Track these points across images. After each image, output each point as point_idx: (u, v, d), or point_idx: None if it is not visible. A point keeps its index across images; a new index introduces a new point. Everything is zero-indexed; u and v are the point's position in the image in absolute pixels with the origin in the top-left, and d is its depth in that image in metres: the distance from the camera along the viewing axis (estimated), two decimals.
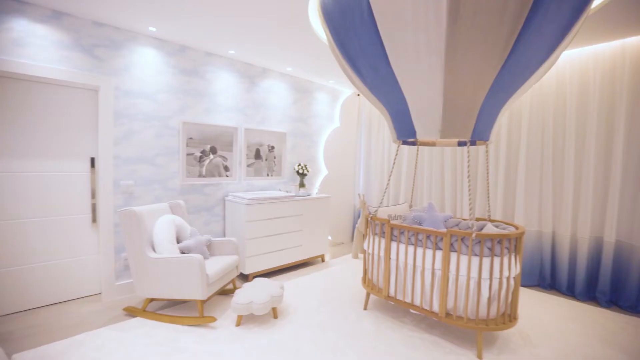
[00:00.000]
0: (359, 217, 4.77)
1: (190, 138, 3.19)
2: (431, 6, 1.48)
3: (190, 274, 2.29)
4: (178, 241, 2.62)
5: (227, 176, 3.51)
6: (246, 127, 3.63)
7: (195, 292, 2.31)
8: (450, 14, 1.46)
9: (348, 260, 4.02)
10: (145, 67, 2.89)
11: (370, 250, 2.55)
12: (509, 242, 2.02)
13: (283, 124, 4.04)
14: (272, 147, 3.92)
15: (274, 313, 2.48)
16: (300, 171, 4.01)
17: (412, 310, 2.48)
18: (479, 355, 2.03)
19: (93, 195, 2.74)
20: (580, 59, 3.03)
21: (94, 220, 2.76)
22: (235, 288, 2.89)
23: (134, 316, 2.46)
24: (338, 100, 4.77)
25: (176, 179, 3.14)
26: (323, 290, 3.04)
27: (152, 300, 2.52)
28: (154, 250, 2.42)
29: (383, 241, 2.45)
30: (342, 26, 1.87)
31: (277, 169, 4.00)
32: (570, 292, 3.10)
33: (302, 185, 4.02)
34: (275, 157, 3.96)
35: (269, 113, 3.88)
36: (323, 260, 3.99)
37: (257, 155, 3.78)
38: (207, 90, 3.31)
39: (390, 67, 1.79)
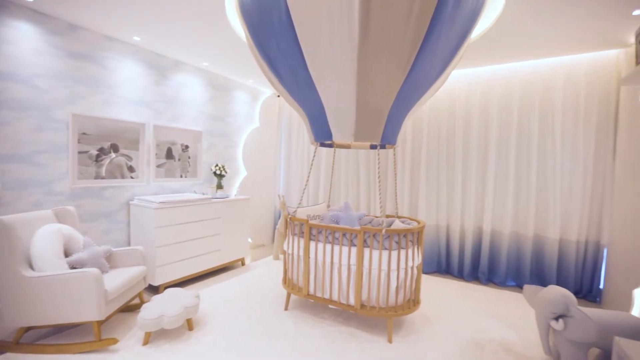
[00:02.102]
0: (279, 218, 4.78)
1: (84, 133, 2.75)
2: (345, 17, 1.57)
3: (83, 292, 1.97)
4: (67, 254, 2.22)
5: (132, 177, 3.12)
6: (155, 124, 3.29)
7: (91, 312, 1.99)
8: (361, 27, 1.58)
9: (269, 262, 3.98)
10: (20, 44, 2.38)
11: (290, 251, 2.57)
12: (413, 236, 2.28)
13: (199, 122, 3.79)
14: (186, 147, 3.65)
15: (189, 325, 2.30)
16: (218, 172, 3.82)
17: (330, 306, 2.59)
18: (389, 340, 2.24)
19: None
20: (467, 78, 3.59)
21: None
22: (142, 302, 2.59)
23: (3, 352, 1.99)
24: (258, 100, 4.70)
25: (65, 181, 2.66)
26: (243, 295, 2.95)
27: (28, 329, 2.08)
28: (31, 267, 2.01)
29: (302, 241, 2.50)
30: (261, 25, 1.85)
31: (192, 169, 3.73)
32: (460, 274, 3.65)
33: (219, 186, 3.83)
34: (189, 157, 3.69)
35: (183, 110, 3.60)
36: (243, 264, 3.87)
37: (169, 155, 3.46)
38: (106, 79, 2.89)
39: (308, 71, 1.84)
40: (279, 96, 4.95)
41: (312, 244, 2.46)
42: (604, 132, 2.99)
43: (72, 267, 2.15)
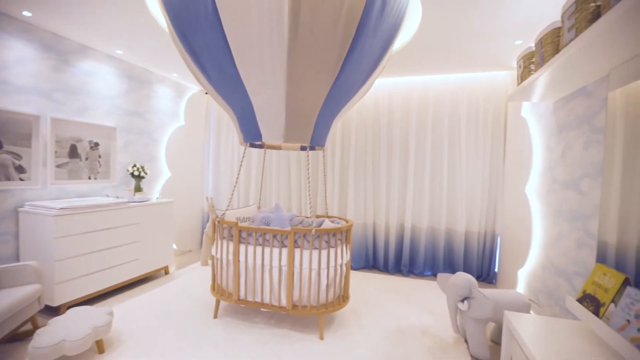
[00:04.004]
0: (208, 221, 4.53)
1: None
2: (274, 20, 1.57)
3: None
4: None
5: (21, 179, 2.63)
6: (55, 117, 2.82)
7: None
8: (291, 30, 1.59)
9: (197, 269, 3.74)
10: None
11: (218, 255, 2.46)
12: (342, 234, 2.38)
13: (112, 117, 3.37)
14: (96, 144, 3.21)
15: (99, 347, 2.03)
16: (136, 173, 3.45)
17: (262, 309, 2.56)
18: (321, 337, 2.30)
19: None
20: (389, 87, 3.89)
21: None
22: (36, 328, 2.20)
23: None
24: (183, 97, 4.38)
25: None
26: (167, 306, 2.72)
27: None
28: None
29: (232, 244, 2.41)
30: (185, 16, 1.74)
31: (104, 170, 3.30)
32: (385, 268, 3.93)
33: (138, 189, 3.47)
34: (100, 156, 3.26)
35: (92, 102, 3.16)
36: (167, 273, 3.57)
37: (74, 154, 3.01)
38: None
39: (236, 69, 1.79)
40: (206, 93, 4.70)
41: (242, 247, 2.39)
42: (497, 140, 3.54)
43: None
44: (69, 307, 2.57)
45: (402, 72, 3.65)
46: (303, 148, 2.87)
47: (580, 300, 1.38)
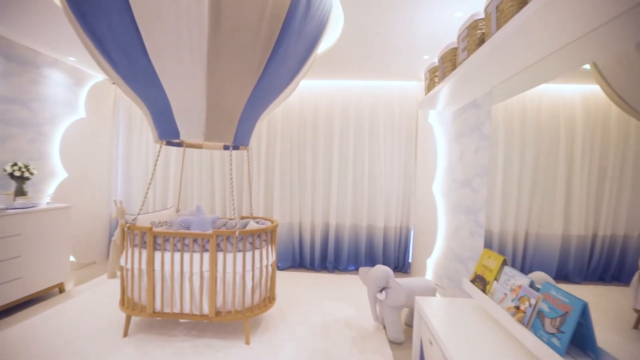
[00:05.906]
0: (117, 228, 4.02)
1: None
2: (193, 8, 1.47)
3: None
4: None
5: None
6: None
7: None
8: (211, 22, 1.51)
9: (103, 283, 3.28)
10: None
11: (128, 265, 2.20)
12: (266, 235, 2.36)
13: None
14: None
15: None
16: (18, 174, 2.86)
17: (182, 320, 2.38)
18: (247, 341, 2.24)
19: None
20: (314, 89, 3.99)
21: None
22: None
23: None
24: (84, 85, 3.79)
25: None
26: (62, 331, 2.31)
27: None
28: None
29: (145, 252, 2.18)
30: None
31: None
32: (312, 266, 4.02)
33: (21, 193, 2.88)
34: None
35: None
36: (62, 290, 3.04)
37: None
38: None
39: (149, 59, 1.62)
40: (113, 83, 4.15)
41: (158, 255, 2.18)
42: (410, 143, 3.93)
43: None
44: None
45: (327, 76, 3.79)
46: (226, 147, 2.76)
47: (473, 281, 1.62)
